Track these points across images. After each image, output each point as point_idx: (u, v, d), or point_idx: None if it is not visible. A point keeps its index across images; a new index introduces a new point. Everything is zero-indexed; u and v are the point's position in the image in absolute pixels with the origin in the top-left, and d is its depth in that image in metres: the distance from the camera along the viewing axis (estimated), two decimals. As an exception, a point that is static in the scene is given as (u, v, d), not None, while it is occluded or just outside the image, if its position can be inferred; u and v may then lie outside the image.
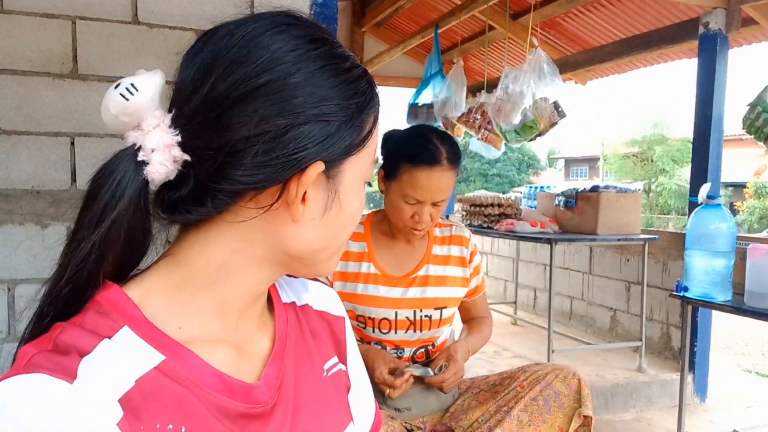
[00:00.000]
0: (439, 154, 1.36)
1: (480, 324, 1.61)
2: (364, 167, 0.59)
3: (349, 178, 0.57)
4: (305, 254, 0.57)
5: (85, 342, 0.48)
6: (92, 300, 0.52)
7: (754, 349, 4.59)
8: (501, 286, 5.00)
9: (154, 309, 0.53)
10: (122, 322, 0.51)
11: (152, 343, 0.51)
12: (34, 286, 1.72)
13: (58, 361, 0.46)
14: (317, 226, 0.56)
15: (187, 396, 0.51)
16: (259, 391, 0.56)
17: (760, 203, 14.64)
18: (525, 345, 3.71)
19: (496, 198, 3.71)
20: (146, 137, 0.51)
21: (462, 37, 4.66)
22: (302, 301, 0.70)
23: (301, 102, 0.52)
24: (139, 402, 0.48)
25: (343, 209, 0.57)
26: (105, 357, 0.48)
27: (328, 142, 0.53)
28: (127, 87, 0.51)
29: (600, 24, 3.90)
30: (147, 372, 0.49)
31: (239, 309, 0.58)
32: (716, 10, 2.98)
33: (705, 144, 3.06)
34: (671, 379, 3.08)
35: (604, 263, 3.87)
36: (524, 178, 24.14)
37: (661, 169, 17.85)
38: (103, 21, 1.74)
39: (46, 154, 1.71)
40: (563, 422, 1.32)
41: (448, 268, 1.52)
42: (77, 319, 0.51)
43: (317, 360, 0.66)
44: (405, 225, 1.41)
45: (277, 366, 0.60)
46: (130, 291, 0.53)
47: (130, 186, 0.51)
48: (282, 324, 0.64)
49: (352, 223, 0.60)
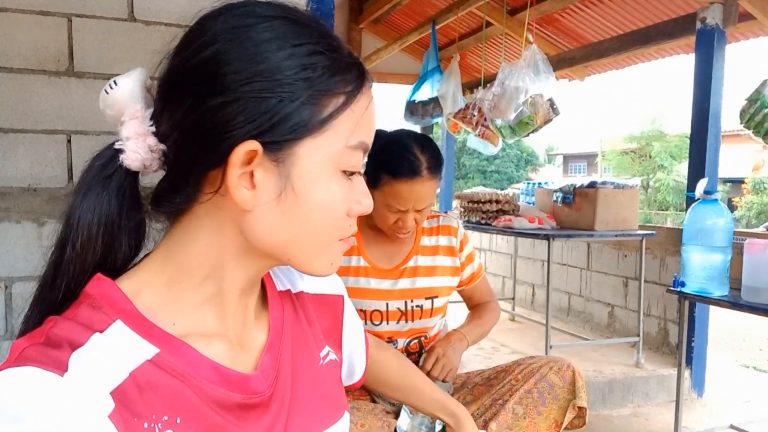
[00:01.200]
0: (419, 165, 1.35)
1: (480, 310, 1.62)
2: (330, 153, 0.53)
3: (308, 164, 0.52)
4: (273, 248, 0.54)
5: (77, 335, 0.48)
6: (85, 293, 0.52)
7: (751, 345, 4.60)
8: (499, 282, 5.01)
9: (148, 304, 0.53)
10: (115, 315, 0.51)
11: (146, 336, 0.51)
12: (32, 284, 1.72)
13: (50, 354, 0.46)
14: (273, 216, 0.52)
15: (182, 388, 0.51)
16: (256, 382, 0.56)
17: (758, 199, 14.67)
18: (523, 341, 3.72)
19: (494, 194, 3.71)
20: (122, 127, 0.54)
21: (459, 33, 4.66)
22: (297, 288, 0.69)
23: (231, 79, 0.50)
24: (133, 394, 0.48)
25: (301, 197, 0.52)
26: (97, 350, 0.48)
27: (264, 121, 0.50)
28: (110, 83, 0.56)
29: (597, 20, 3.90)
30: (141, 364, 0.50)
31: (233, 302, 0.58)
32: (714, 5, 2.98)
33: (702, 139, 3.06)
34: (669, 374, 3.09)
35: (602, 259, 3.88)
36: (522, 174, 24.16)
37: (659, 165, 17.87)
38: (99, 18, 1.74)
39: (43, 152, 1.71)
40: (558, 414, 1.33)
41: (437, 258, 1.54)
42: (70, 312, 0.51)
43: (313, 348, 0.66)
44: (389, 229, 1.43)
45: (273, 356, 0.60)
46: (123, 285, 0.53)
47: (107, 171, 0.54)
48: (277, 314, 0.63)
49: (322, 214, 0.54)
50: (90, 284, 0.53)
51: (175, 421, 0.50)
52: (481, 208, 3.69)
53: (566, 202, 3.44)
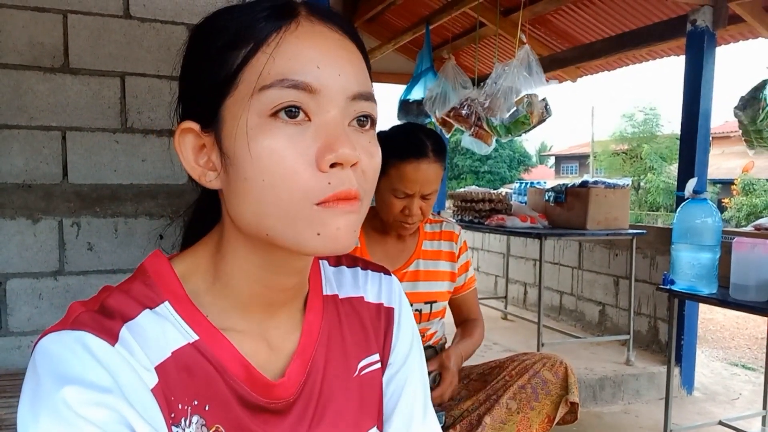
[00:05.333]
0: (425, 147, 1.39)
1: (472, 328, 1.62)
2: (246, 102, 0.48)
3: (232, 123, 0.48)
4: (249, 227, 0.51)
5: (130, 309, 0.50)
6: (142, 268, 0.54)
7: (740, 343, 4.65)
8: (491, 281, 5.04)
9: (193, 290, 0.55)
10: (165, 296, 0.53)
11: (189, 321, 0.52)
12: (26, 279, 1.72)
13: (103, 323, 0.48)
14: (232, 192, 0.50)
15: (215, 377, 0.52)
16: (281, 389, 0.56)
17: (748, 200, 14.79)
18: (515, 339, 3.74)
19: (487, 194, 3.73)
20: None
21: (453, 33, 4.68)
22: (347, 293, 0.65)
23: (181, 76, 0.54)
24: (173, 372, 0.50)
25: (236, 160, 0.48)
26: (146, 326, 0.50)
27: (189, 100, 0.53)
28: None
29: (589, 21, 3.93)
30: (183, 346, 0.51)
31: (259, 303, 0.57)
32: (704, 8, 3.02)
33: (692, 140, 3.10)
34: (659, 371, 3.13)
35: (593, 258, 3.92)
36: (515, 174, 24.24)
37: (649, 167, 17.99)
38: (95, 15, 1.74)
39: (38, 148, 1.71)
40: (551, 409, 1.35)
41: (439, 263, 1.55)
42: (125, 285, 0.53)
43: (351, 358, 0.63)
44: (396, 219, 1.44)
45: (303, 362, 0.58)
46: (177, 266, 0.55)
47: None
48: (314, 318, 0.61)
49: (267, 171, 0.47)
50: (148, 259, 0.55)
51: (204, 407, 0.51)
52: (474, 207, 3.71)
53: (558, 202, 3.47)
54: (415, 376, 0.67)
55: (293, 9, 0.50)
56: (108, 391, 0.45)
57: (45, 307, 1.74)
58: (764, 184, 14.98)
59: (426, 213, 1.44)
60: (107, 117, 1.75)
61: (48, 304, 1.74)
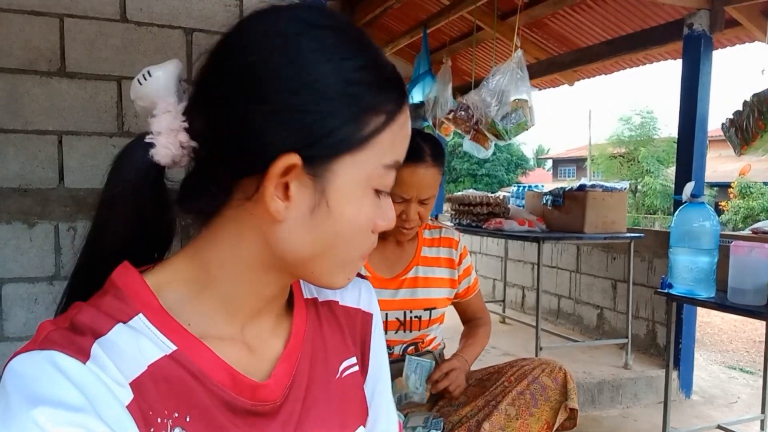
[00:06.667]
0: (422, 151, 1.38)
1: (475, 328, 1.63)
2: (367, 171, 0.52)
3: (344, 181, 0.51)
4: (297, 261, 0.53)
5: (101, 324, 0.49)
6: (111, 282, 0.53)
7: (738, 346, 4.65)
8: (489, 284, 5.03)
9: (170, 301, 0.53)
10: (138, 308, 0.51)
11: (165, 332, 0.51)
12: (22, 285, 1.71)
13: (73, 340, 0.47)
14: (303, 229, 0.51)
15: (195, 387, 0.51)
16: (268, 390, 0.56)
17: (745, 203, 14.82)
18: (513, 343, 3.73)
19: (485, 197, 3.74)
20: (154, 121, 0.54)
21: (450, 37, 4.68)
22: (326, 296, 0.67)
23: (276, 88, 0.48)
24: (150, 387, 0.49)
25: (333, 214, 0.51)
26: (118, 340, 0.49)
27: (307, 135, 0.49)
28: (144, 73, 0.54)
29: (587, 25, 3.94)
30: (159, 358, 0.50)
31: (247, 311, 0.57)
32: (701, 12, 3.03)
33: (689, 143, 3.10)
34: (657, 375, 3.12)
35: (591, 261, 3.91)
36: (513, 178, 24.26)
37: (647, 170, 18.03)
38: (91, 19, 1.74)
39: (34, 153, 1.70)
40: (550, 415, 1.34)
41: (437, 270, 1.54)
42: (95, 300, 0.52)
43: (332, 360, 0.64)
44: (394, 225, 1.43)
45: (289, 365, 0.59)
46: (149, 278, 0.54)
47: (137, 164, 0.54)
48: (299, 322, 0.62)
49: (352, 232, 0.53)
50: (116, 272, 0.53)
51: (184, 419, 0.50)
52: (472, 211, 3.71)
53: (556, 205, 3.47)
54: (387, 383, 0.72)
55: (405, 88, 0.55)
56: (80, 410, 0.44)
57: (41, 312, 1.73)
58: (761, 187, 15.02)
59: (424, 218, 1.43)
60: (104, 121, 1.74)
61: (44, 309, 1.73)
